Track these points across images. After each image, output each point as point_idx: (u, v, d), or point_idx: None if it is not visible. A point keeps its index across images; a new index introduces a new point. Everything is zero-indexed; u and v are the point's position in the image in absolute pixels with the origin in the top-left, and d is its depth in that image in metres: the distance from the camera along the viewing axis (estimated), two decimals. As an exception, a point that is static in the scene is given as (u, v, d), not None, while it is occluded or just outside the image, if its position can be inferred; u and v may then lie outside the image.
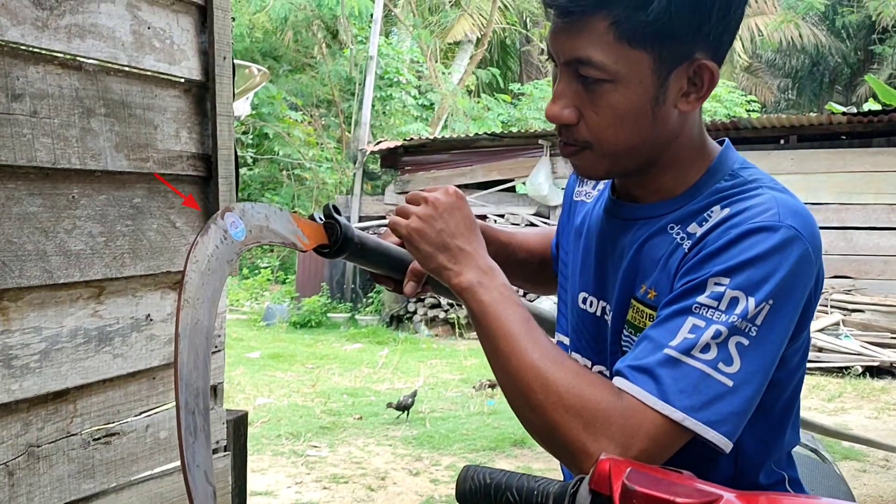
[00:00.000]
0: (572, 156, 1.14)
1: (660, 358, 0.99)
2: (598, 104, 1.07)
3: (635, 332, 1.12)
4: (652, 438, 0.98)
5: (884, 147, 9.45)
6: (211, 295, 1.00)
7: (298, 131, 17.08)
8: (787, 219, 1.02)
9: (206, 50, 1.91)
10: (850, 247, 9.56)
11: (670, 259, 1.09)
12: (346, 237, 1.19)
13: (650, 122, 1.08)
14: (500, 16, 18.29)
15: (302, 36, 18.28)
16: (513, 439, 5.53)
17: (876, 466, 5.21)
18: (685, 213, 1.11)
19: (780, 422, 1.13)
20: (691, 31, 1.04)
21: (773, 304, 0.99)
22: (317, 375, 8.03)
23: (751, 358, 0.99)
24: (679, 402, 0.97)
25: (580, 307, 1.24)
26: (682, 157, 1.14)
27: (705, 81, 1.08)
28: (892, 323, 8.77)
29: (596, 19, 1.03)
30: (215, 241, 1.03)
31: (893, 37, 20.12)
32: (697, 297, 1.01)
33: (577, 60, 1.06)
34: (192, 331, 0.96)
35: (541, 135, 11.20)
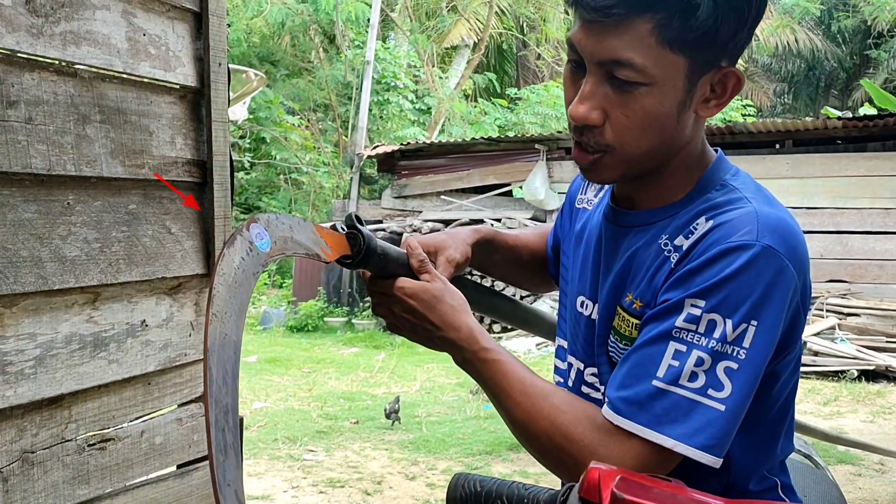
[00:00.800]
0: (590, 164, 1.12)
1: (648, 389, 1.03)
2: (629, 107, 1.06)
3: (621, 340, 1.14)
4: (639, 464, 1.01)
5: (879, 151, 9.47)
6: (238, 308, 0.99)
7: (295, 135, 17.10)
8: (763, 236, 1.02)
9: (201, 56, 1.92)
10: (845, 251, 9.57)
11: (658, 272, 1.10)
12: (369, 247, 1.16)
13: (674, 127, 1.08)
14: (497, 21, 18.31)
15: (299, 41, 18.31)
16: (509, 443, 5.52)
17: (871, 470, 5.22)
18: (676, 223, 1.11)
19: (772, 432, 1.14)
20: (725, 39, 1.05)
21: (756, 326, 1.00)
22: (313, 380, 8.03)
23: (741, 380, 1.01)
24: (671, 430, 1.00)
25: (577, 310, 1.25)
26: (688, 163, 1.15)
27: (729, 88, 1.09)
28: (887, 327, 8.79)
29: (640, 21, 1.02)
30: (241, 253, 1.01)
31: (889, 41, 20.16)
32: (675, 319, 1.02)
33: (615, 62, 1.04)
34: (221, 346, 0.94)
35: (537, 139, 11.21)
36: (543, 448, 1.08)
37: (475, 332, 1.14)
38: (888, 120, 9.35)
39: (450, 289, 1.18)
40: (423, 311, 1.16)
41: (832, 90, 23.47)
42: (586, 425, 1.06)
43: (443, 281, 1.19)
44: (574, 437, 1.05)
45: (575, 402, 1.10)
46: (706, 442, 1.00)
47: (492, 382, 1.13)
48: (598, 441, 1.04)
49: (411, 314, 1.17)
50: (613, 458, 1.02)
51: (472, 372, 1.15)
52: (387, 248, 1.19)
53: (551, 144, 11.04)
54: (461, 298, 1.18)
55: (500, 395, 1.12)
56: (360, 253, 1.15)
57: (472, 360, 1.14)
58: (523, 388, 1.10)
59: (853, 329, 8.87)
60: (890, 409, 6.98)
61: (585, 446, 1.04)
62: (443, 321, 1.15)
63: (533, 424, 1.08)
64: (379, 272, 1.20)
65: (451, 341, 1.15)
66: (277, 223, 1.09)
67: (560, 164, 10.95)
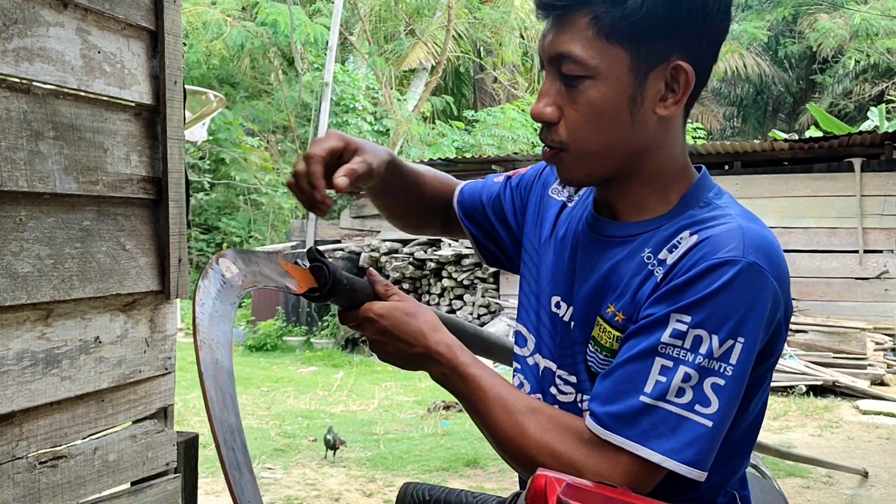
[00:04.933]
0: (551, 160, 1.15)
1: (636, 405, 1.03)
2: (577, 101, 1.08)
3: (601, 350, 1.14)
4: (627, 479, 1.02)
5: (824, 172, 9.67)
6: (223, 337, 0.99)
7: (255, 157, 17.03)
8: (749, 253, 1.03)
9: (157, 74, 1.94)
10: (793, 269, 9.67)
11: (642, 287, 1.10)
12: (335, 278, 1.14)
13: (628, 124, 1.09)
14: (454, 44, 18.44)
15: (258, 63, 18.27)
16: (465, 459, 5.54)
17: (819, 483, 5.32)
18: (659, 237, 1.11)
19: (742, 446, 1.15)
20: (666, 30, 1.06)
21: (743, 342, 1.01)
22: (272, 398, 7.98)
23: (727, 396, 1.02)
24: (659, 446, 1.01)
25: (553, 311, 1.24)
26: (664, 173, 1.15)
27: (681, 83, 1.09)
28: (834, 343, 8.96)
29: (578, 15, 1.07)
30: (216, 285, 1.02)
31: (833, 67, 20.64)
32: (661, 335, 1.03)
33: (559, 56, 1.08)
34: (215, 370, 0.95)
35: (494, 161, 11.31)
36: (530, 465, 1.05)
37: (453, 347, 1.13)
38: (833, 142, 9.60)
39: (421, 306, 1.17)
40: (396, 331, 1.14)
41: (780, 114, 23.94)
42: (574, 441, 1.06)
43: (413, 300, 1.18)
44: (562, 454, 1.05)
45: (561, 418, 1.10)
46: (693, 457, 1.01)
47: (473, 398, 1.11)
48: (586, 457, 1.04)
49: (383, 335, 1.15)
50: (603, 473, 1.02)
51: (451, 388, 1.14)
52: (351, 278, 1.18)
53: (508, 166, 11.14)
54: (433, 315, 1.17)
55: (481, 412, 1.10)
56: (326, 284, 1.14)
57: (450, 374, 1.13)
58: (505, 404, 1.09)
59: (801, 345, 9.03)
60: (837, 424, 7.12)
61: (574, 463, 1.04)
62: (417, 338, 1.14)
63: (518, 443, 1.07)
64: (347, 303, 1.18)
65: (427, 357, 1.14)
66: (245, 257, 1.09)
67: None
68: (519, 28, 18.85)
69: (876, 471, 5.53)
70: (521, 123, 17.24)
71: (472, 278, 10.89)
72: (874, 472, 5.47)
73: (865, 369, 8.69)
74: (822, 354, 8.86)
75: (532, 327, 1.28)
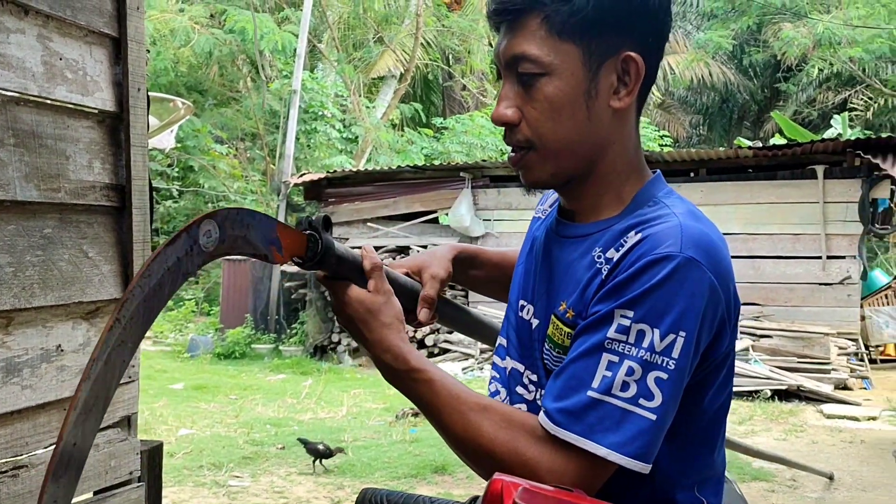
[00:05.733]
0: (518, 162, 1.18)
1: (584, 400, 1.05)
2: (535, 98, 1.13)
3: (555, 348, 1.17)
4: (581, 474, 1.04)
5: (788, 180, 9.79)
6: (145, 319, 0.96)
7: (223, 164, 16.93)
8: (687, 248, 1.05)
9: (120, 81, 1.93)
10: (757, 275, 9.88)
11: (590, 284, 1.13)
12: (326, 252, 1.15)
13: (585, 118, 1.13)
14: (423, 52, 18.49)
15: (227, 70, 18.19)
16: (434, 466, 5.55)
17: (784, 487, 5.39)
18: (609, 236, 1.14)
19: (701, 444, 1.16)
20: (613, 24, 1.12)
21: (684, 336, 1.04)
22: (240, 406, 7.95)
23: (669, 390, 1.04)
24: (605, 439, 1.03)
25: (518, 315, 1.28)
26: (619, 171, 1.18)
27: (632, 74, 1.14)
28: (798, 347, 9.08)
29: (529, 17, 1.12)
30: (178, 253, 0.98)
31: (797, 75, 20.92)
32: (607, 330, 1.06)
33: (516, 57, 1.13)
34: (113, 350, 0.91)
35: (462, 168, 11.34)
36: (486, 464, 1.08)
37: (404, 352, 1.14)
38: (796, 149, 9.74)
39: (387, 305, 1.18)
40: (358, 324, 1.17)
41: (745, 121, 24.24)
42: (528, 438, 1.07)
43: (386, 294, 1.19)
44: (516, 450, 1.07)
45: (513, 416, 1.11)
46: (638, 450, 1.03)
47: (425, 401, 1.13)
48: (540, 454, 1.06)
49: (346, 320, 1.19)
50: (556, 469, 1.04)
51: (404, 391, 1.16)
52: (344, 252, 1.19)
53: (476, 172, 11.18)
54: (395, 316, 1.18)
55: (435, 414, 1.12)
56: (314, 257, 1.14)
57: (403, 378, 1.15)
58: (457, 405, 1.10)
59: (766, 350, 9.14)
60: (801, 427, 7.22)
61: (528, 459, 1.06)
62: (373, 339, 1.16)
63: (473, 441, 1.09)
64: (334, 274, 1.20)
65: (380, 360, 1.16)
66: (236, 220, 1.05)
67: (485, 191, 11.09)
68: (487, 36, 18.91)
69: (840, 474, 5.62)
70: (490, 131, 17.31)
71: (441, 285, 10.88)
72: (838, 476, 5.56)
73: (829, 374, 8.82)
74: (786, 359, 8.98)
75: (505, 332, 1.32)
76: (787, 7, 18.80)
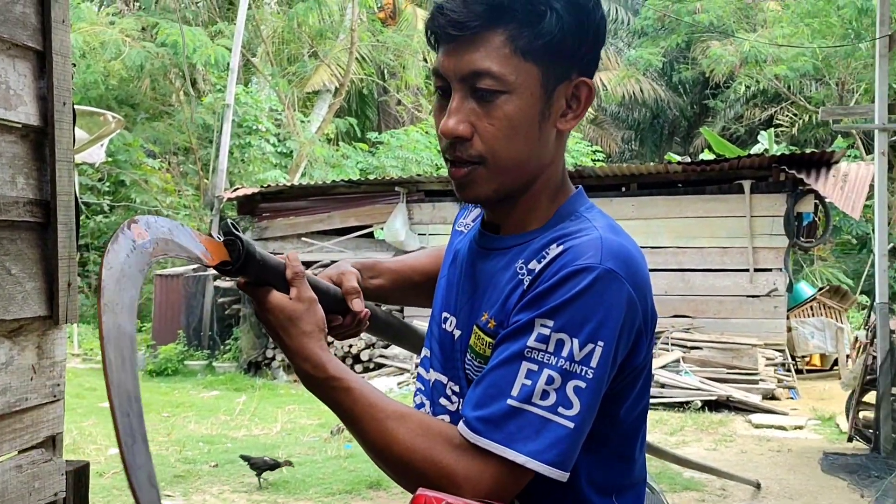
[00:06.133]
0: (464, 177, 1.17)
1: (503, 408, 1.05)
2: (493, 115, 1.12)
3: (476, 358, 1.18)
4: (497, 482, 1.05)
5: (716, 194, 10.04)
6: (129, 302, 0.98)
7: (156, 178, 16.66)
8: (606, 260, 1.07)
9: (44, 95, 1.90)
10: (687, 288, 10.09)
11: (512, 294, 1.14)
12: (248, 253, 1.14)
13: (536, 138, 1.15)
14: (358, 67, 18.49)
15: (159, 84, 17.91)
16: (368, 482, 5.54)
17: (713, 496, 5.50)
18: (532, 249, 1.16)
19: (620, 454, 1.18)
20: (572, 50, 1.14)
21: (602, 346, 1.05)
22: (172, 424, 7.81)
23: (587, 399, 1.05)
24: (523, 447, 1.04)
25: (441, 327, 1.29)
26: (549, 188, 1.21)
27: (583, 99, 1.17)
28: (727, 359, 9.28)
29: (492, 34, 1.11)
30: (125, 250, 1.00)
31: (724, 92, 21.47)
32: (527, 339, 1.07)
33: (475, 73, 1.12)
34: (117, 335, 0.94)
35: (397, 182, 11.37)
36: (404, 472, 1.09)
37: (322, 360, 1.14)
38: (724, 165, 9.99)
39: (308, 312, 1.17)
40: (278, 331, 1.16)
41: (675, 137, 24.76)
42: (445, 446, 1.07)
43: (307, 301, 1.18)
44: (433, 458, 1.07)
45: (431, 424, 1.11)
46: (555, 458, 1.04)
47: (343, 409, 1.13)
48: (456, 461, 1.06)
49: (268, 326, 1.18)
50: (472, 476, 1.05)
51: (323, 400, 1.15)
52: (266, 256, 1.18)
53: (411, 187, 11.22)
54: (316, 324, 1.17)
55: (353, 422, 1.12)
56: (239, 259, 1.13)
57: (322, 386, 1.14)
58: (374, 413, 1.10)
59: (696, 361, 9.32)
60: (731, 438, 7.38)
61: (444, 467, 1.06)
62: (293, 346, 1.15)
63: (389, 449, 1.09)
64: (256, 280, 1.18)
65: (299, 368, 1.15)
66: (157, 224, 1.07)
67: (420, 206, 11.13)
68: (422, 51, 19.02)
69: (768, 482, 5.76)
70: (425, 145, 17.39)
71: (375, 300, 10.88)
72: (766, 484, 5.69)
73: (757, 384, 9.03)
74: (716, 370, 9.16)
75: (428, 344, 1.33)
76: (715, 26, 19.31)
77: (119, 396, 0.92)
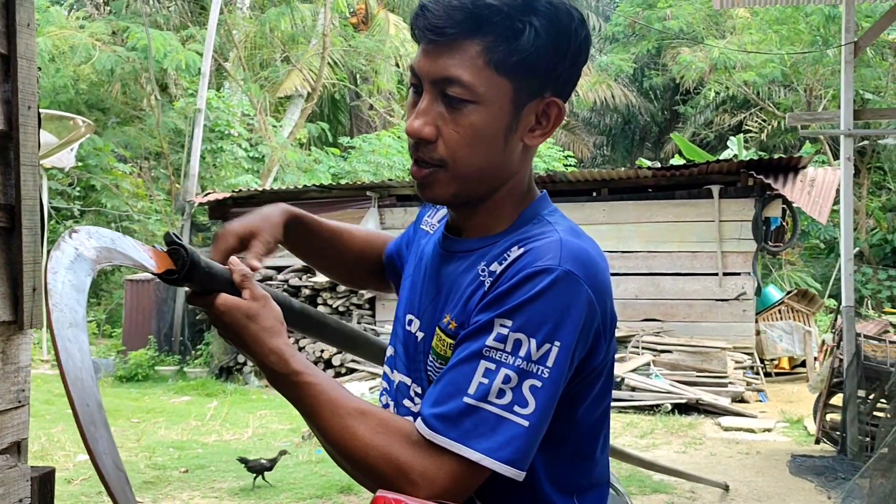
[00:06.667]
0: (424, 178, 1.18)
1: (460, 406, 1.07)
2: (459, 123, 1.13)
3: (437, 359, 1.19)
4: (453, 479, 1.06)
5: (686, 199, 10.13)
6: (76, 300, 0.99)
7: (127, 183, 16.53)
8: (566, 262, 1.09)
9: (9, 99, 1.89)
10: (657, 291, 10.17)
11: (473, 296, 1.16)
12: (192, 261, 1.14)
13: (501, 150, 1.16)
14: (330, 72, 18.46)
15: (130, 88, 17.77)
16: (339, 486, 5.53)
17: (683, 498, 5.54)
18: (494, 251, 1.17)
19: (579, 454, 1.20)
20: (547, 69, 1.14)
21: (559, 346, 1.06)
22: (142, 430, 7.74)
23: (543, 398, 1.07)
24: (478, 445, 1.05)
25: (406, 329, 1.30)
26: (514, 195, 1.22)
27: (552, 118, 1.18)
28: (697, 362, 9.36)
29: (469, 43, 1.12)
30: (69, 257, 1.01)
31: (695, 98, 21.68)
32: (486, 339, 1.08)
33: (446, 79, 1.13)
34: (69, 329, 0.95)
35: (369, 187, 11.37)
36: (361, 467, 1.09)
37: (285, 355, 1.14)
38: (693, 170, 10.09)
39: (265, 308, 1.18)
40: (239, 331, 1.16)
41: (646, 142, 24.98)
42: (402, 443, 1.08)
43: (262, 299, 1.19)
44: (390, 454, 1.07)
45: (390, 421, 1.12)
46: (510, 456, 1.05)
47: (304, 404, 1.13)
48: (412, 457, 1.07)
49: (225, 330, 1.18)
50: (429, 473, 1.06)
51: (285, 394, 1.16)
52: (211, 264, 1.19)
53: (383, 192, 11.23)
54: (275, 319, 1.18)
55: (313, 417, 1.12)
56: (184, 267, 1.14)
57: (283, 382, 1.14)
58: (335, 409, 1.11)
59: (666, 365, 9.39)
60: (700, 440, 7.44)
61: (402, 463, 1.07)
62: (252, 343, 1.15)
63: (348, 445, 1.09)
64: (204, 288, 1.18)
65: (261, 363, 1.16)
66: (99, 234, 1.08)
67: (391, 210, 11.14)
68: (394, 56, 19.04)
69: (736, 485, 5.82)
70: (397, 150, 17.38)
71: (347, 304, 10.88)
72: (734, 486, 5.75)
73: (727, 387, 9.11)
74: (685, 373, 9.23)
75: (393, 345, 1.34)
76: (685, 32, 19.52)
77: (77, 389, 0.94)
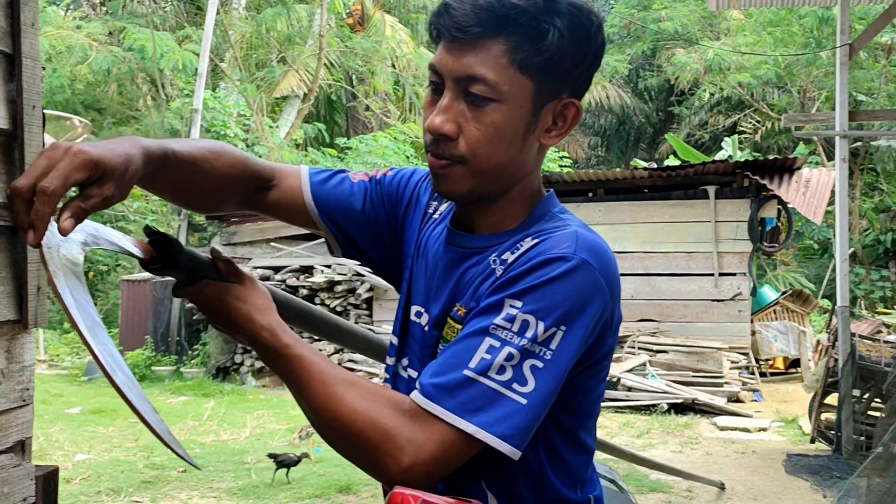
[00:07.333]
0: (442, 168, 1.19)
1: (459, 378, 1.07)
2: (481, 121, 1.14)
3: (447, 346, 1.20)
4: (442, 448, 1.06)
5: (682, 199, 10.17)
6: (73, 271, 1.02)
7: (123, 184, 16.47)
8: (581, 252, 1.11)
9: (14, 99, 1.90)
10: (653, 292, 10.20)
11: (484, 283, 1.17)
12: (176, 250, 1.15)
13: (519, 148, 1.17)
14: (327, 72, 18.46)
15: (126, 88, 17.76)
16: (338, 486, 5.54)
17: (680, 497, 5.57)
18: (505, 246, 1.19)
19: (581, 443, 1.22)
20: (567, 70, 1.16)
21: (565, 331, 1.08)
22: (140, 429, 7.73)
23: (544, 379, 1.07)
24: (474, 418, 1.06)
25: (413, 320, 1.30)
26: (526, 194, 1.24)
27: (569, 118, 1.20)
28: (692, 362, 9.39)
29: (493, 42, 1.13)
30: (58, 238, 1.02)
31: (689, 99, 21.72)
32: (494, 318, 1.09)
33: (470, 77, 1.14)
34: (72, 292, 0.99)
35: (366, 187, 11.36)
36: (346, 435, 1.09)
37: (277, 331, 1.16)
38: (689, 171, 10.12)
39: (254, 289, 1.20)
40: (228, 314, 1.18)
41: (641, 143, 25.01)
42: (391, 410, 1.08)
43: (249, 280, 1.22)
44: (378, 419, 1.07)
45: (380, 390, 1.13)
46: (506, 432, 1.05)
47: (294, 376, 1.13)
48: (401, 424, 1.07)
49: (215, 314, 1.19)
50: (417, 440, 1.05)
51: (275, 367, 1.17)
52: (193, 252, 1.20)
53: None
54: (264, 298, 1.20)
55: (301, 387, 1.13)
56: (167, 255, 1.15)
57: (273, 355, 1.15)
58: (324, 378, 1.11)
59: (662, 365, 9.42)
60: (696, 440, 7.47)
61: (390, 428, 1.06)
62: (243, 322, 1.17)
63: (334, 412, 1.09)
64: (188, 277, 1.20)
65: (252, 340, 1.17)
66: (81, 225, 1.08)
67: (429, 175, 11.14)
68: (390, 57, 19.05)
69: (732, 484, 5.85)
70: (394, 151, 17.38)
71: (344, 304, 10.88)
72: (731, 485, 5.78)
73: (722, 387, 9.15)
74: (681, 373, 9.26)
75: (403, 339, 1.34)
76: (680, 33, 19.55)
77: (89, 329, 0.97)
